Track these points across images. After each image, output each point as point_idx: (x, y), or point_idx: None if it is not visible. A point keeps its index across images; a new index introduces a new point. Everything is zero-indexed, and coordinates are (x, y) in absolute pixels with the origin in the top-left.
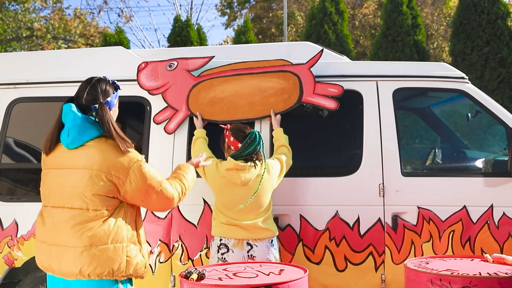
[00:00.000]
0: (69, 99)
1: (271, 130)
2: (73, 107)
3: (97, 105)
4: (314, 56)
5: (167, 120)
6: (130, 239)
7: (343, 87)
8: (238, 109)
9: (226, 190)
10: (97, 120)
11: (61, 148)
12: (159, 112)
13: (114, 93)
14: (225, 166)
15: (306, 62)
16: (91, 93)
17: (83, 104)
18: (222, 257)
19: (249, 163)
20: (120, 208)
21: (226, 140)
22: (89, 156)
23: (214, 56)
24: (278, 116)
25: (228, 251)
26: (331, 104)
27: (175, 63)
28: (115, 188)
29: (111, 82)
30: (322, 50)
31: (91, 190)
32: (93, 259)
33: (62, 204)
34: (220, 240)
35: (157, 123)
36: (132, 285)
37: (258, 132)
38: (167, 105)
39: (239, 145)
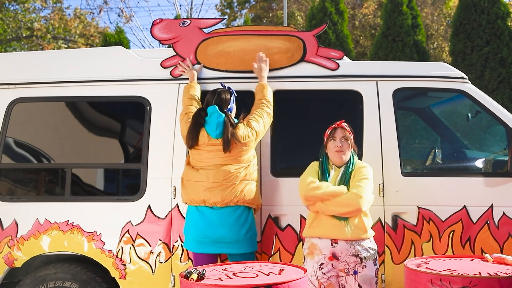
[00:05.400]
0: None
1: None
2: (217, 108)
3: (223, 113)
4: (320, 27)
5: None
6: (254, 179)
7: (344, 53)
8: (243, 62)
9: None
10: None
11: (204, 136)
12: (167, 58)
13: (232, 99)
14: None
15: (312, 31)
16: (218, 102)
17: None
18: None
19: None
20: (248, 161)
21: None
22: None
23: (226, 18)
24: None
25: None
26: (332, 65)
27: (189, 21)
28: (242, 150)
29: (227, 89)
30: (327, 23)
31: (229, 156)
32: (230, 192)
33: (212, 164)
34: None
35: (165, 67)
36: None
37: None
38: (175, 53)
39: None
